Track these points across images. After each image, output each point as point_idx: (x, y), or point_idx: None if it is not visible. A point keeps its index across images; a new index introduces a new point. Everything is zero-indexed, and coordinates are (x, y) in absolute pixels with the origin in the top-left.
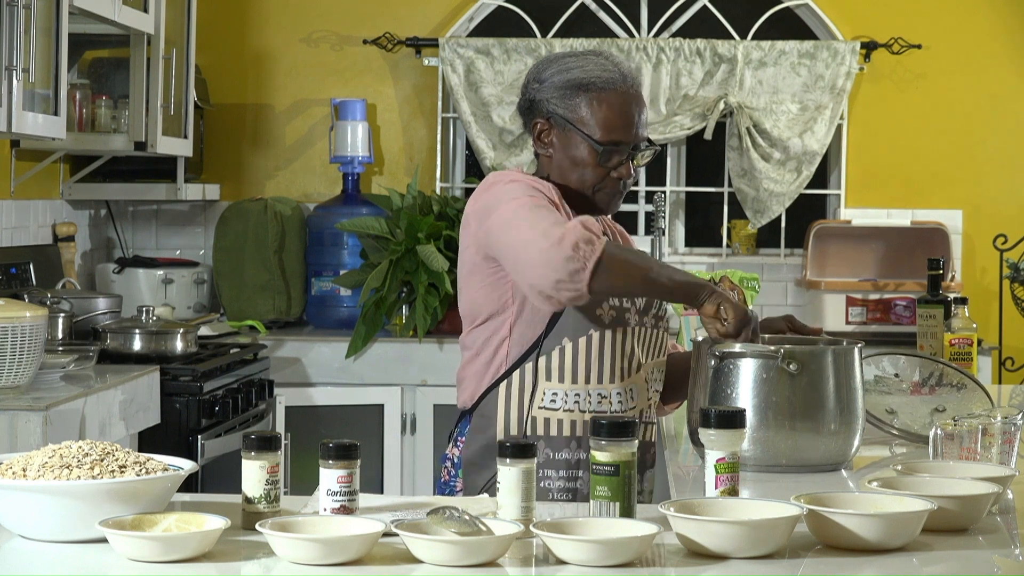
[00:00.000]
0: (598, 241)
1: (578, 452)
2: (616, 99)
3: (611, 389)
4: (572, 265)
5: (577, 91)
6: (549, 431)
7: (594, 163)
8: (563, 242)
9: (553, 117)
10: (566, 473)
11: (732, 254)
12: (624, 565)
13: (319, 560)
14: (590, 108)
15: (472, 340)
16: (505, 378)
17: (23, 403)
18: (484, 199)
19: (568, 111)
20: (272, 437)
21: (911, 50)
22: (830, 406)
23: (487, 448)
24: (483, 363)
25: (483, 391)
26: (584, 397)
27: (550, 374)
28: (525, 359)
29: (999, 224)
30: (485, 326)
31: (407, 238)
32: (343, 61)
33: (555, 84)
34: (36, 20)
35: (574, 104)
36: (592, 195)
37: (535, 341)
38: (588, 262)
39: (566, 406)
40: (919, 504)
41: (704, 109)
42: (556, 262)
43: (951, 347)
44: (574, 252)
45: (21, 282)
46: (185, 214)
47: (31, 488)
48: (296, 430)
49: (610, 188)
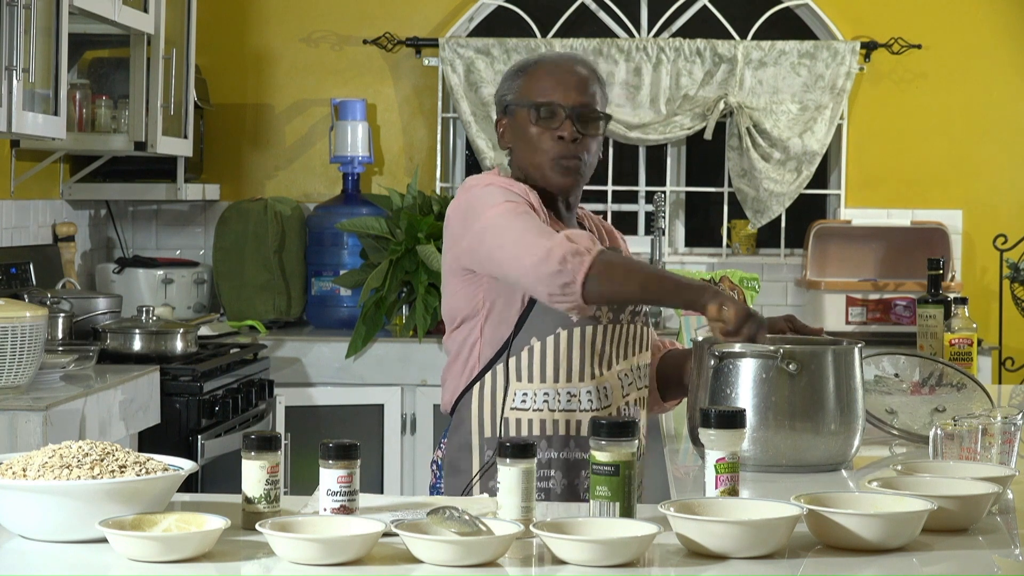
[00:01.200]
0: (587, 253)
1: (548, 452)
2: (552, 68)
3: (581, 388)
4: (561, 279)
5: (518, 74)
6: (520, 431)
7: (540, 131)
8: (550, 257)
9: (507, 107)
10: (539, 473)
11: (732, 254)
12: (624, 565)
13: (319, 560)
14: (528, 82)
15: (451, 343)
16: (478, 380)
17: (23, 403)
18: (462, 206)
19: (515, 95)
20: (272, 437)
21: (911, 50)
22: (830, 406)
23: (463, 449)
24: (460, 366)
25: (459, 394)
26: (553, 396)
27: (520, 374)
28: (496, 360)
29: (999, 224)
30: (461, 329)
31: (407, 238)
32: (343, 61)
33: (505, 77)
34: (36, 20)
35: (517, 85)
36: (554, 175)
37: (505, 342)
38: (577, 275)
39: (535, 406)
40: (919, 504)
41: (704, 109)
42: (544, 277)
43: (951, 347)
44: (561, 267)
45: (21, 282)
46: (185, 214)
47: (31, 488)
48: (296, 430)
49: (568, 158)
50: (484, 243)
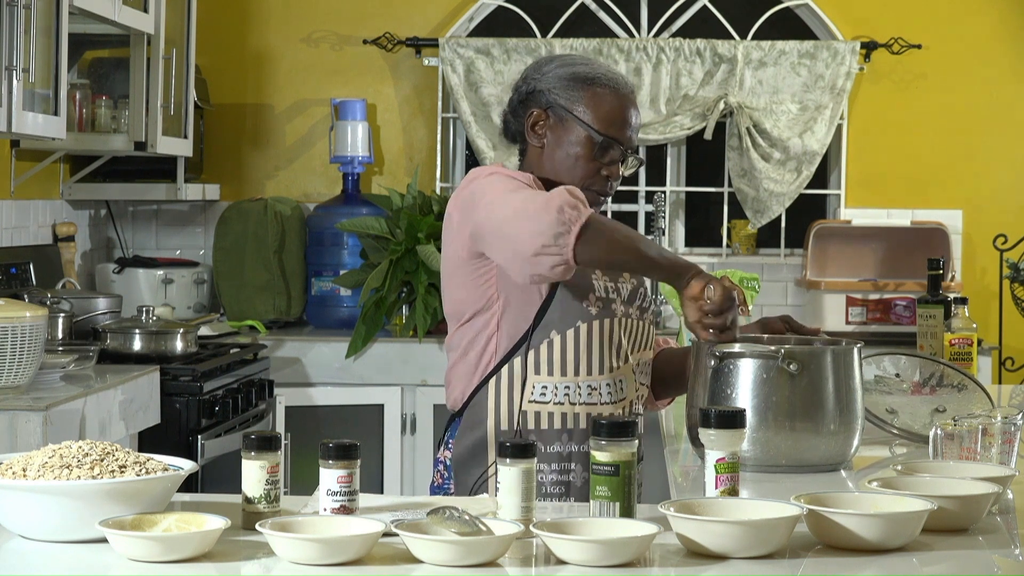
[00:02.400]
0: (583, 208)
1: (569, 445)
2: (617, 99)
3: (600, 381)
4: (557, 228)
5: (581, 84)
6: (540, 424)
7: (588, 155)
8: (548, 205)
9: (553, 107)
10: (558, 466)
11: (732, 254)
12: (624, 565)
13: (319, 560)
14: (593, 101)
15: (458, 340)
16: (494, 374)
17: (23, 403)
18: (465, 196)
19: (569, 102)
20: (272, 437)
21: (911, 50)
22: (830, 406)
23: (478, 445)
24: (471, 362)
25: (472, 390)
26: (574, 389)
27: (539, 367)
28: (513, 354)
29: (999, 224)
30: (470, 324)
31: (407, 238)
32: (343, 61)
33: (559, 75)
34: (36, 20)
35: (577, 96)
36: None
37: (523, 335)
38: (573, 226)
39: (556, 399)
40: (919, 504)
41: (704, 109)
42: (541, 225)
43: (951, 347)
44: (559, 215)
45: (21, 282)
46: (185, 214)
47: (31, 488)
48: (296, 430)
49: (597, 186)
50: (485, 213)
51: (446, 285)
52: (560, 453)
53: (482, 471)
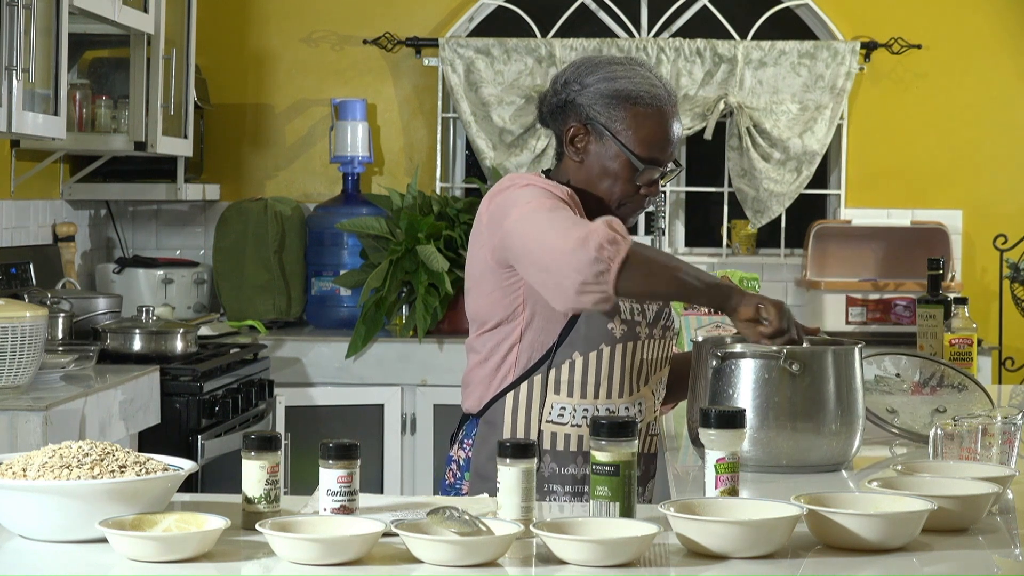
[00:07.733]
0: (623, 241)
1: (584, 468)
2: (660, 118)
3: (619, 404)
4: (597, 267)
5: (623, 102)
6: (556, 445)
7: (627, 177)
8: (587, 243)
9: (592, 124)
10: (572, 488)
11: (732, 254)
12: (624, 565)
13: (319, 560)
14: (635, 122)
15: (481, 344)
16: (513, 388)
17: (23, 403)
18: (498, 201)
19: (610, 121)
20: (272, 437)
21: (911, 50)
22: (831, 406)
23: (492, 458)
24: (491, 369)
25: (491, 398)
26: (593, 412)
27: (559, 387)
28: (535, 370)
29: (999, 224)
30: (495, 332)
31: (407, 238)
32: (343, 61)
33: (600, 91)
34: (36, 20)
35: (618, 115)
36: (615, 208)
37: (546, 352)
38: (613, 263)
39: (574, 421)
40: (919, 504)
41: (704, 109)
42: (580, 264)
43: (951, 347)
44: (598, 253)
45: (21, 282)
46: (185, 214)
47: (31, 488)
48: (296, 430)
49: (635, 204)
50: (517, 234)
51: (472, 287)
52: (575, 476)
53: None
